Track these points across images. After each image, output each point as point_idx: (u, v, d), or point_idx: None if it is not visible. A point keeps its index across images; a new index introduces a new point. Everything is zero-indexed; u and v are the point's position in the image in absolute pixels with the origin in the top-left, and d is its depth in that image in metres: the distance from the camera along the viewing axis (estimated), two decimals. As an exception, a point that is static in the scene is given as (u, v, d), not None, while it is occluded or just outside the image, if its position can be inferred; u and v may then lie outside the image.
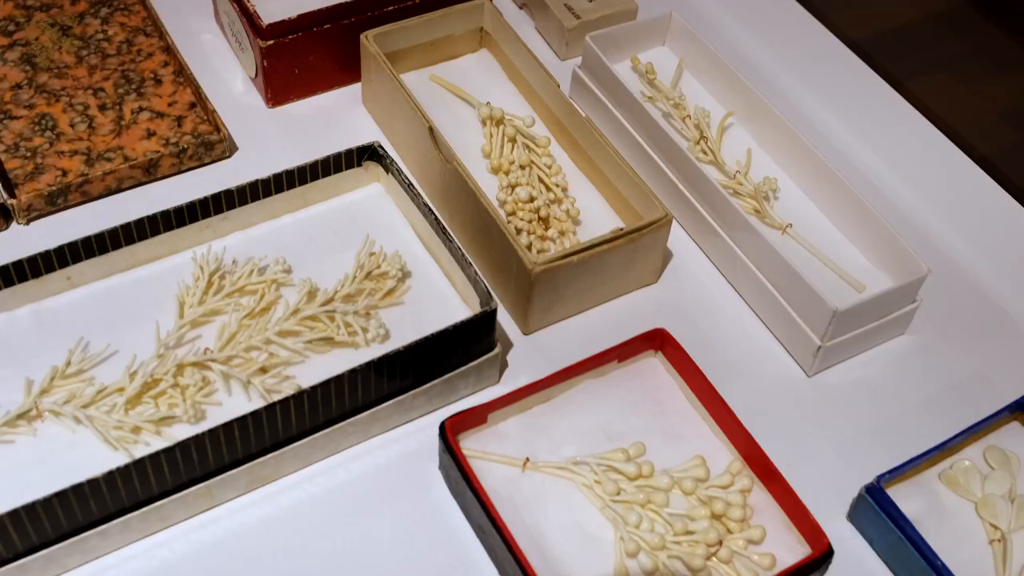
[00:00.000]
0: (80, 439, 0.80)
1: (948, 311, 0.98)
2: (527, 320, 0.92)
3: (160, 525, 0.79)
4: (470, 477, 0.78)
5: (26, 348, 0.85)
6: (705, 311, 0.96)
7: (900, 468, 0.82)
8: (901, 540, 0.80)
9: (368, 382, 0.80)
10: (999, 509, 0.83)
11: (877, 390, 0.93)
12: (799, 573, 0.76)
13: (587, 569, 0.78)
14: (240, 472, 0.80)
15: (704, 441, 0.85)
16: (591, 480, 0.81)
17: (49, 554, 0.75)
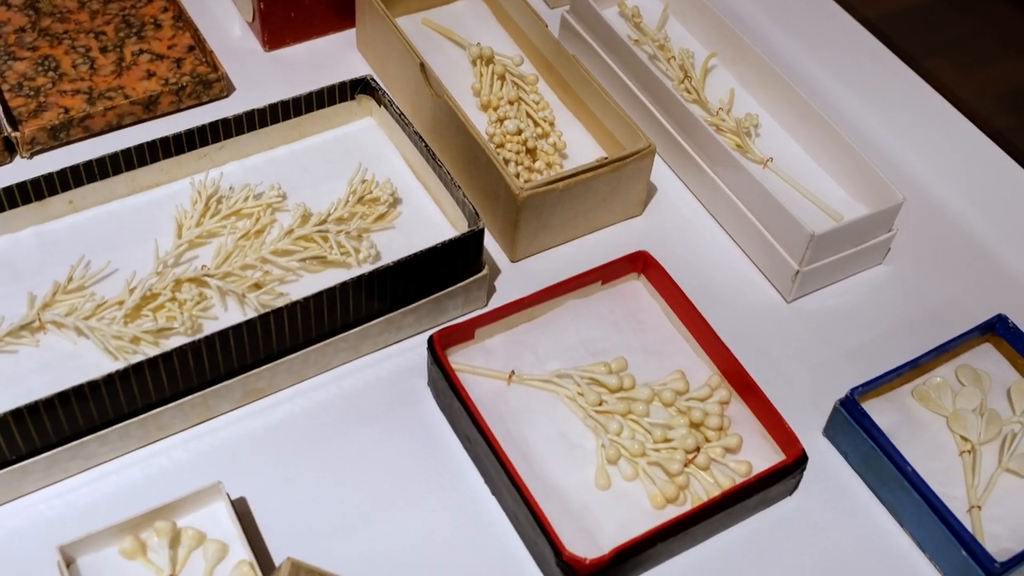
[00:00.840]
0: (81, 350, 0.83)
1: (923, 243, 1.01)
2: (514, 247, 0.94)
3: (158, 434, 0.82)
4: (458, 388, 0.80)
5: (29, 267, 0.87)
6: (688, 242, 0.99)
7: (873, 382, 0.84)
8: (874, 451, 0.82)
9: (359, 297, 0.82)
10: (969, 422, 0.85)
11: (854, 316, 0.95)
12: (774, 478, 0.79)
13: (570, 475, 0.80)
14: (235, 383, 0.82)
15: (684, 358, 0.87)
16: (574, 392, 0.83)
17: (51, 457, 0.77)
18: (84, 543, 0.73)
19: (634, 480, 0.80)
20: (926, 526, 0.80)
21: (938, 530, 0.78)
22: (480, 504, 0.81)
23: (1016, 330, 0.89)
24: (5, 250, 0.88)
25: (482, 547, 0.79)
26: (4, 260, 0.87)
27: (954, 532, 0.77)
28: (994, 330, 0.90)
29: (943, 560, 0.79)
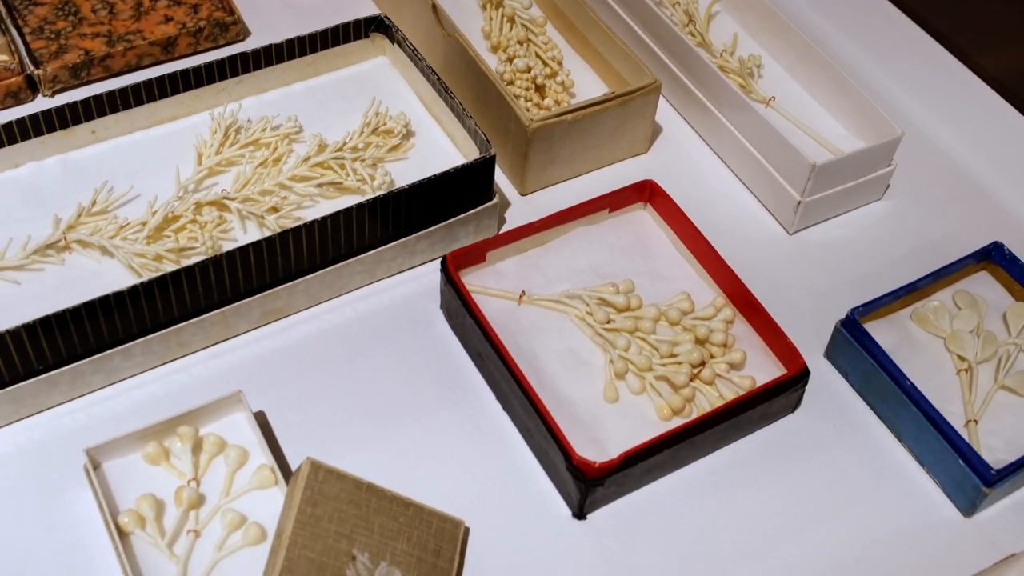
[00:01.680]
0: (105, 268, 0.84)
1: (921, 180, 1.02)
2: (524, 180, 0.95)
3: (179, 351, 0.84)
4: (470, 305, 0.82)
5: (54, 193, 0.89)
6: (692, 178, 1.00)
7: (873, 303, 0.86)
8: (874, 368, 0.84)
9: (373, 220, 0.84)
10: (966, 343, 0.87)
11: (854, 248, 0.96)
12: (777, 390, 0.80)
13: (579, 389, 0.82)
14: (253, 302, 0.83)
15: (690, 282, 0.89)
16: (583, 311, 0.85)
17: (75, 369, 0.79)
18: (109, 447, 0.75)
19: (641, 394, 0.82)
20: (925, 440, 0.81)
21: (936, 443, 0.80)
22: (491, 418, 0.83)
23: (1012, 256, 0.90)
24: (31, 177, 0.89)
25: (493, 458, 0.81)
26: (30, 186, 0.89)
27: (952, 444, 0.79)
28: (990, 257, 0.91)
29: (941, 472, 0.81)
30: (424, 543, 0.73)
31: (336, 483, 0.72)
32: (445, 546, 0.74)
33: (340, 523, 0.70)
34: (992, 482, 0.78)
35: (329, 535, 0.70)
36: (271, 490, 0.76)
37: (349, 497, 0.72)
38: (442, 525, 0.74)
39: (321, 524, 0.70)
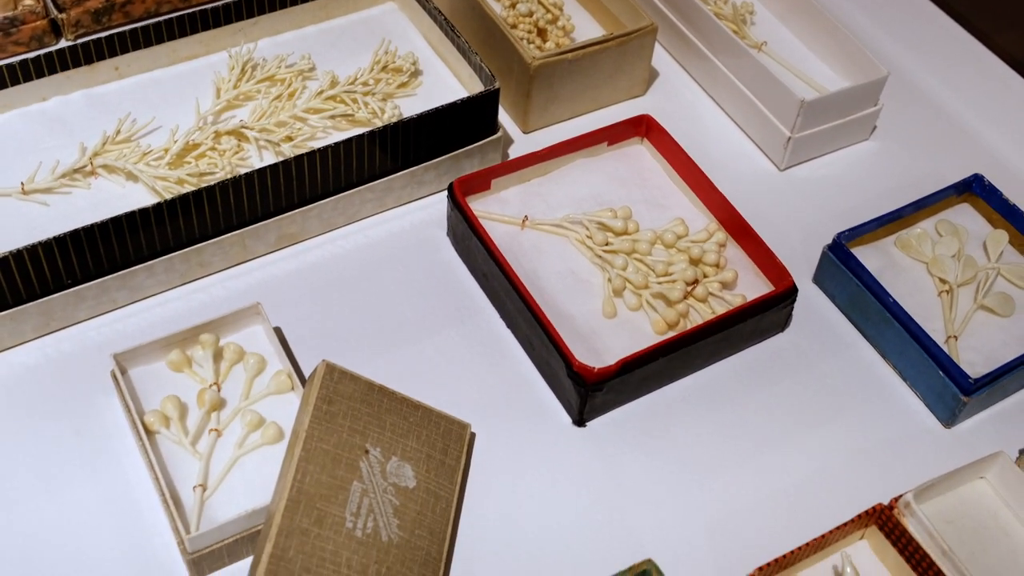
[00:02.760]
0: (129, 192, 0.88)
1: (906, 123, 1.06)
2: (526, 118, 0.99)
3: (200, 272, 0.87)
4: (476, 227, 0.86)
5: (80, 124, 0.92)
6: (687, 119, 1.04)
7: (859, 228, 0.90)
8: (860, 289, 0.87)
9: (384, 147, 0.88)
10: (947, 266, 0.90)
11: (842, 184, 1.00)
12: (767, 305, 0.84)
13: (579, 306, 0.85)
14: (270, 225, 0.87)
15: (684, 209, 0.92)
16: (583, 235, 0.89)
17: (102, 284, 0.82)
18: (135, 354, 0.78)
19: (638, 310, 0.85)
20: (907, 355, 0.85)
21: (918, 357, 0.84)
22: (495, 334, 0.86)
23: (991, 187, 0.94)
24: (57, 109, 0.93)
25: (497, 370, 0.84)
26: (56, 117, 0.92)
27: (933, 357, 0.83)
28: (971, 189, 0.95)
29: (922, 385, 0.84)
30: (433, 442, 0.76)
31: (350, 384, 0.75)
32: (452, 446, 0.77)
33: (354, 420, 0.74)
34: (970, 391, 0.81)
35: (343, 430, 0.73)
36: (288, 395, 0.79)
37: (362, 397, 0.75)
38: (449, 427, 0.78)
39: (336, 420, 0.73)
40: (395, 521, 0.72)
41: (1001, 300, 0.88)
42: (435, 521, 0.73)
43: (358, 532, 0.70)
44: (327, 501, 0.70)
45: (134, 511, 0.75)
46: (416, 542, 0.72)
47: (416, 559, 0.71)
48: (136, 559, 0.73)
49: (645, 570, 0.71)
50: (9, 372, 0.82)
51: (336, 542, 0.69)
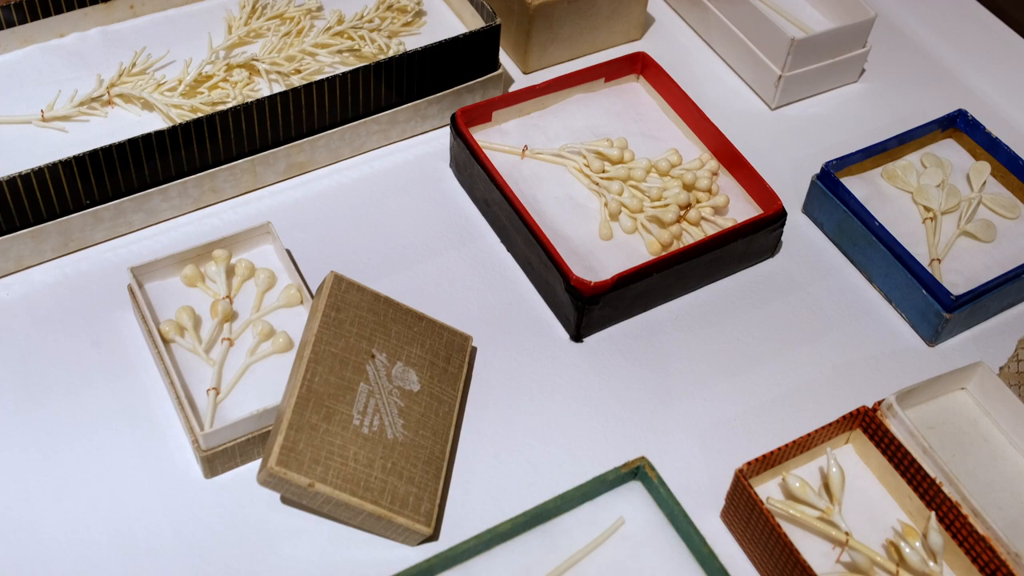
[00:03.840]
0: (145, 121, 0.91)
1: (894, 66, 1.08)
2: (527, 58, 1.01)
3: (212, 198, 0.90)
4: (478, 154, 0.88)
5: (96, 58, 0.95)
6: (682, 61, 1.06)
7: (846, 158, 0.92)
8: (847, 215, 0.90)
9: (389, 78, 0.90)
10: (932, 195, 0.93)
11: (831, 122, 1.02)
12: (757, 226, 0.86)
13: (576, 228, 0.88)
14: (279, 153, 0.90)
15: (678, 141, 0.95)
16: (580, 163, 0.91)
17: (118, 206, 0.85)
18: (151, 268, 0.81)
19: (633, 233, 0.88)
20: (892, 277, 0.87)
21: (903, 278, 0.86)
22: (496, 258, 0.89)
23: (975, 122, 0.96)
24: (75, 44, 0.95)
25: (498, 290, 0.87)
26: (74, 51, 0.95)
27: (916, 277, 0.85)
28: (955, 124, 0.97)
29: (907, 305, 0.87)
30: (436, 350, 0.79)
31: (357, 294, 0.78)
32: (455, 355, 0.80)
33: (360, 327, 0.77)
34: (952, 308, 0.84)
35: (351, 336, 0.76)
36: (297, 308, 0.82)
37: (369, 306, 0.78)
38: (452, 337, 0.80)
39: (343, 326, 0.76)
40: (400, 421, 0.74)
41: (983, 226, 0.91)
42: (438, 423, 0.76)
43: (365, 429, 0.73)
44: (335, 400, 0.73)
45: (150, 416, 0.78)
46: (420, 441, 0.74)
47: (420, 457, 0.74)
48: (152, 461, 0.76)
49: (639, 466, 0.74)
50: (31, 289, 0.84)
51: (344, 437, 0.72)
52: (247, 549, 0.72)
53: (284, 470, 0.69)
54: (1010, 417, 0.79)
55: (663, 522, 0.73)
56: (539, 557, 0.71)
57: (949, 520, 0.72)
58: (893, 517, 0.74)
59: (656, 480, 0.73)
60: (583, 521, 0.73)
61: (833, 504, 0.73)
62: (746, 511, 0.72)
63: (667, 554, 0.72)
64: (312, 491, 0.69)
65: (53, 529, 0.72)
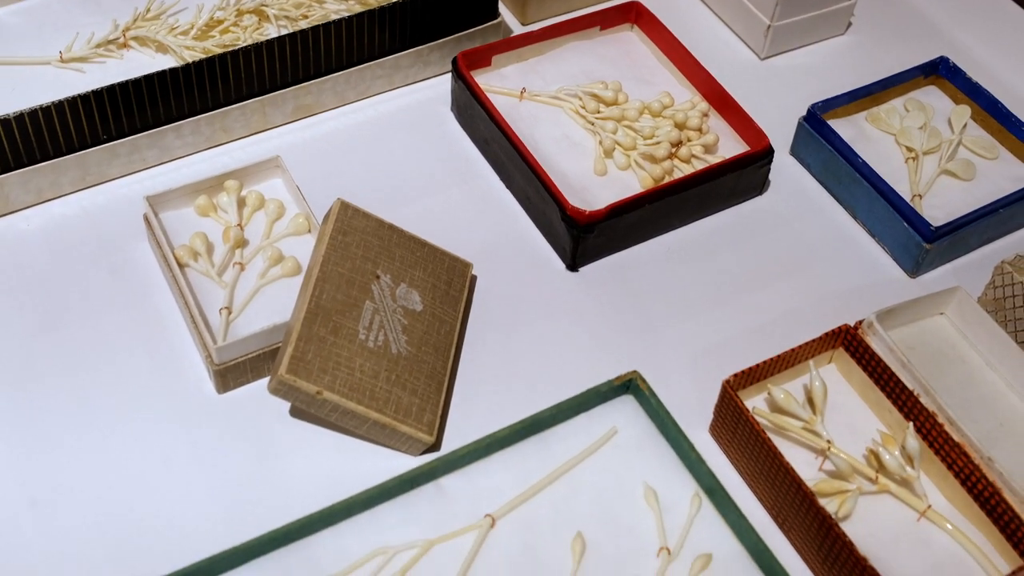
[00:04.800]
0: (159, 62, 0.94)
1: (880, 18, 1.11)
2: (525, 10, 1.05)
3: (223, 137, 0.93)
4: (479, 95, 0.91)
5: (112, 4, 0.98)
6: (674, 13, 1.09)
7: (832, 101, 0.95)
8: (832, 154, 0.93)
9: (392, 22, 0.93)
10: (914, 136, 0.96)
11: (818, 72, 1.05)
12: (746, 162, 0.89)
13: (572, 165, 0.91)
14: (288, 94, 0.93)
15: (671, 86, 0.98)
16: (576, 105, 0.94)
17: (133, 142, 0.88)
18: (166, 197, 0.84)
19: (627, 169, 0.91)
20: (875, 212, 0.90)
21: (885, 212, 0.89)
22: (495, 194, 0.92)
23: (956, 68, 0.99)
24: (91, -8, 0.99)
25: (496, 224, 0.90)
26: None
27: (898, 210, 0.88)
28: (937, 71, 1.01)
29: (888, 238, 0.90)
30: (438, 274, 0.82)
31: (362, 220, 0.81)
32: (456, 280, 0.83)
33: (366, 250, 0.80)
34: (932, 238, 0.87)
35: (357, 258, 0.79)
36: (305, 236, 0.85)
37: (374, 231, 0.81)
38: (453, 264, 0.84)
39: (350, 249, 0.79)
40: (403, 337, 0.78)
41: (963, 165, 0.94)
42: (440, 341, 0.79)
43: (370, 343, 0.76)
44: (342, 315, 0.76)
45: (166, 338, 0.81)
46: (422, 357, 0.78)
47: (422, 371, 0.77)
48: (167, 379, 0.79)
49: (631, 379, 0.77)
50: (50, 221, 0.87)
51: (350, 350, 0.75)
52: (258, 458, 0.76)
53: (294, 378, 0.72)
54: (987, 340, 0.82)
55: (654, 432, 0.76)
56: (535, 464, 0.74)
57: (926, 430, 0.75)
58: (873, 429, 0.77)
59: (647, 392, 0.76)
60: (577, 431, 0.76)
61: (816, 415, 0.76)
62: (733, 421, 0.75)
63: (657, 461, 0.75)
64: (320, 399, 0.73)
65: (74, 441, 0.75)
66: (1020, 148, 0.96)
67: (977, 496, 0.72)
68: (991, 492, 0.71)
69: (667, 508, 0.73)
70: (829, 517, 0.69)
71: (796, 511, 0.72)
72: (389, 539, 0.70)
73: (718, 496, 0.72)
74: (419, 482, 0.72)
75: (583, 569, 0.70)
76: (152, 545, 0.71)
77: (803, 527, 0.72)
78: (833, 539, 0.69)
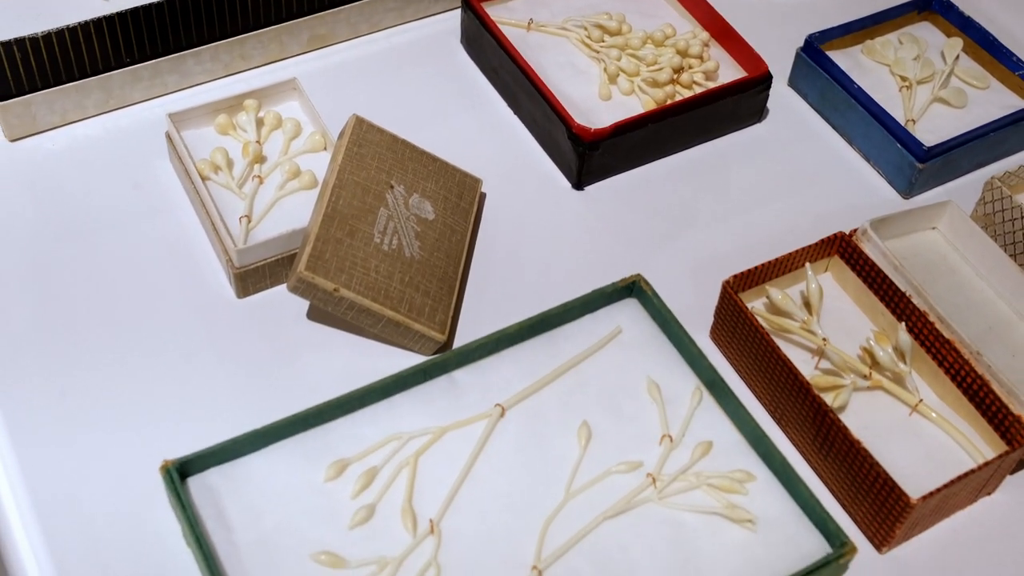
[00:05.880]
0: (178, -8, 0.97)
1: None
2: (531, -48, 1.08)
3: (242, 64, 0.96)
4: (488, 24, 0.94)
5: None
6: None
7: (828, 32, 0.98)
8: (829, 82, 0.96)
9: (406, -46, 0.97)
10: (908, 66, 0.98)
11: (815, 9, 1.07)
12: (745, 86, 0.92)
13: (578, 90, 0.94)
14: (303, 24, 0.95)
15: (673, 19, 1.01)
16: (582, 35, 0.97)
17: (155, 66, 0.91)
18: (187, 115, 0.87)
19: (630, 94, 0.94)
20: (870, 136, 0.93)
21: (880, 135, 0.92)
22: (503, 119, 0.95)
23: (949, 3, 1.02)
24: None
25: (504, 147, 0.93)
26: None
27: (892, 133, 0.91)
28: (930, 6, 1.03)
29: (883, 160, 0.93)
30: (449, 187, 0.85)
31: (377, 134, 0.84)
32: (466, 193, 0.86)
33: (380, 161, 0.82)
34: (925, 158, 0.89)
35: (371, 168, 0.82)
36: (321, 153, 0.88)
37: (388, 146, 0.84)
38: (464, 178, 0.86)
39: (365, 160, 0.82)
40: (416, 243, 0.80)
41: (955, 93, 0.97)
42: (451, 248, 0.82)
43: (384, 246, 0.79)
44: (357, 220, 0.79)
45: (187, 248, 0.84)
46: (435, 261, 0.80)
47: (435, 275, 0.80)
48: (189, 285, 0.82)
49: (635, 281, 0.80)
50: (74, 141, 0.90)
51: (366, 251, 0.78)
52: (276, 358, 0.78)
53: (312, 275, 0.75)
54: (978, 251, 0.84)
55: (656, 331, 0.79)
56: (543, 359, 0.77)
57: (917, 329, 0.77)
58: (867, 332, 0.80)
59: (650, 293, 0.79)
60: (583, 330, 0.79)
61: (812, 316, 0.79)
62: (732, 322, 0.78)
63: (660, 358, 0.78)
64: (337, 296, 0.75)
65: (101, 336, 0.78)
66: (1010, 78, 0.98)
67: (966, 390, 0.75)
68: (980, 384, 0.74)
69: (669, 400, 0.75)
70: (824, 404, 0.72)
71: (793, 403, 0.74)
72: (403, 426, 0.73)
73: (718, 389, 0.75)
74: (432, 374, 0.75)
75: (589, 455, 0.73)
76: (176, 428, 0.73)
77: (799, 419, 0.74)
78: (828, 426, 0.72)
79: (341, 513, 0.69)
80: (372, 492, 0.70)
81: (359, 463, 0.71)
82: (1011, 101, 0.97)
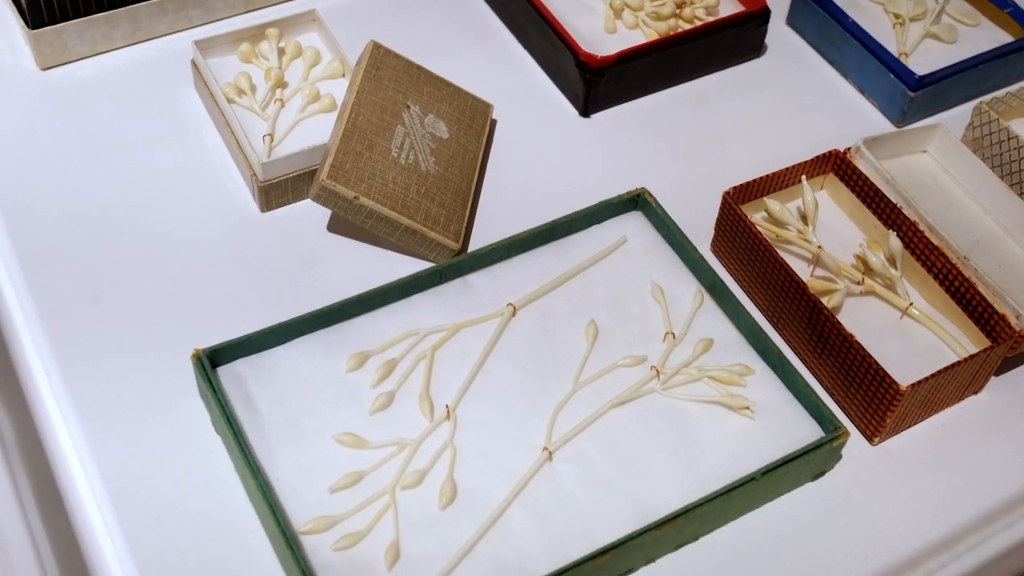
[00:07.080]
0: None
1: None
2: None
3: (262, 0, 0.99)
4: (496, -38, 0.98)
5: None
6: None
7: (825, -28, 1.02)
8: (825, 19, 0.99)
9: None
10: (901, 3, 1.02)
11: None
12: (743, 20, 0.96)
13: (585, 26, 0.97)
14: (322, -38, 1.00)
15: (675, -39, 1.05)
16: (588, -27, 1.01)
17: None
18: (212, 43, 0.91)
19: (635, 28, 0.98)
20: (864, 68, 0.97)
21: (873, 66, 0.96)
22: (511, 52, 0.99)
23: (940, -52, 1.06)
24: None
25: (513, 78, 0.97)
26: None
27: (885, 63, 0.95)
28: (923, -50, 1.07)
29: (876, 91, 0.96)
30: (462, 110, 0.89)
31: (394, 59, 0.88)
32: (478, 116, 0.90)
33: (397, 83, 0.86)
34: (916, 87, 0.93)
35: (389, 89, 0.85)
36: (340, 80, 0.91)
37: (404, 69, 0.87)
38: (476, 103, 0.90)
39: (383, 82, 0.85)
40: (432, 159, 0.84)
41: (946, 29, 1.00)
42: (465, 165, 0.86)
43: (401, 160, 0.82)
44: (376, 135, 0.82)
45: (213, 168, 0.87)
46: (449, 176, 0.84)
47: (449, 189, 0.83)
48: (215, 200, 0.85)
49: (639, 194, 0.83)
50: (103, 71, 0.94)
51: (384, 164, 0.81)
52: (299, 265, 0.82)
53: (333, 183, 0.78)
54: (967, 172, 0.88)
55: (660, 240, 0.83)
56: (553, 264, 0.81)
57: (908, 238, 0.81)
58: (861, 243, 0.84)
59: (654, 204, 0.82)
60: (591, 239, 0.82)
61: (808, 226, 0.83)
62: (732, 231, 0.82)
63: (663, 265, 0.81)
64: (357, 203, 0.79)
65: (132, 247, 0.82)
66: (1000, 16, 1.02)
67: (954, 293, 0.79)
68: (967, 287, 0.78)
69: (672, 302, 0.79)
70: (819, 302, 0.75)
71: (789, 305, 0.78)
72: (420, 323, 0.77)
73: (718, 291, 0.79)
74: (448, 275, 0.78)
75: (596, 351, 0.76)
76: (204, 329, 0.77)
77: (795, 320, 0.78)
78: (823, 324, 0.75)
79: (362, 400, 0.73)
80: (391, 381, 0.74)
81: (379, 356, 0.75)
82: (1000, 37, 1.01)
